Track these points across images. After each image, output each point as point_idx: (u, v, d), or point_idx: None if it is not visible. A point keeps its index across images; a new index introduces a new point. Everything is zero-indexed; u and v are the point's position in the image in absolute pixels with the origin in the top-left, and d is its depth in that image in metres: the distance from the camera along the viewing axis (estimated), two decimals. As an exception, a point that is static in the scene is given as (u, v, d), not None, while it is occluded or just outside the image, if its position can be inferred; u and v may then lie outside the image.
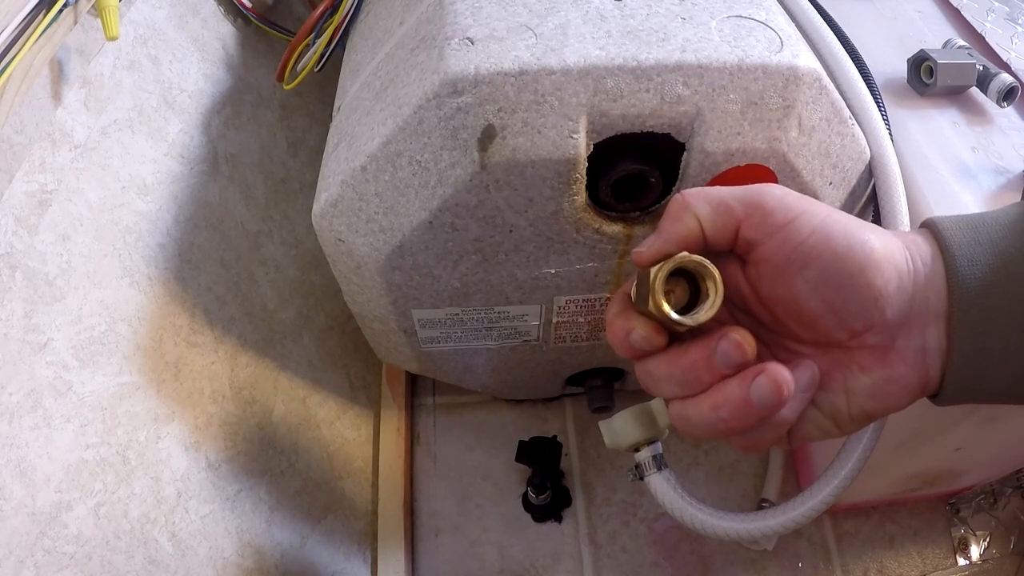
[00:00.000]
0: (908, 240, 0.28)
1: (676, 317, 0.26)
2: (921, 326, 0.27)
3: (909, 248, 0.27)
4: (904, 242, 0.28)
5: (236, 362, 0.51)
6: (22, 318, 0.35)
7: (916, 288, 0.27)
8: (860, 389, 0.28)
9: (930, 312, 0.27)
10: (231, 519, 0.47)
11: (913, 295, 0.27)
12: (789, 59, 0.34)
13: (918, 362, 0.28)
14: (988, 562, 0.62)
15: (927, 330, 0.27)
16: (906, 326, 0.27)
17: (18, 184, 0.36)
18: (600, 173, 0.36)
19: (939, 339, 0.27)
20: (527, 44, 0.33)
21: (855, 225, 0.27)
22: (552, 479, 0.62)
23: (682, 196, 0.28)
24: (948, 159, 0.42)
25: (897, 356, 0.28)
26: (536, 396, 0.68)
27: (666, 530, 0.62)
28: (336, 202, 0.39)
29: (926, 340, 0.27)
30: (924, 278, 0.27)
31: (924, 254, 0.27)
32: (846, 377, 0.29)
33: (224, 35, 0.58)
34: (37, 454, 0.35)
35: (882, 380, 0.28)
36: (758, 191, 0.27)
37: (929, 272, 0.27)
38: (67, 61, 0.40)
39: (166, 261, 0.46)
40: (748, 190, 0.28)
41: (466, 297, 0.43)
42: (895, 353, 0.28)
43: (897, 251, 0.27)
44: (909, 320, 0.27)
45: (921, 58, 0.45)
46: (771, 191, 0.27)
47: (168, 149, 0.49)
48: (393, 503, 0.61)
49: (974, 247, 0.27)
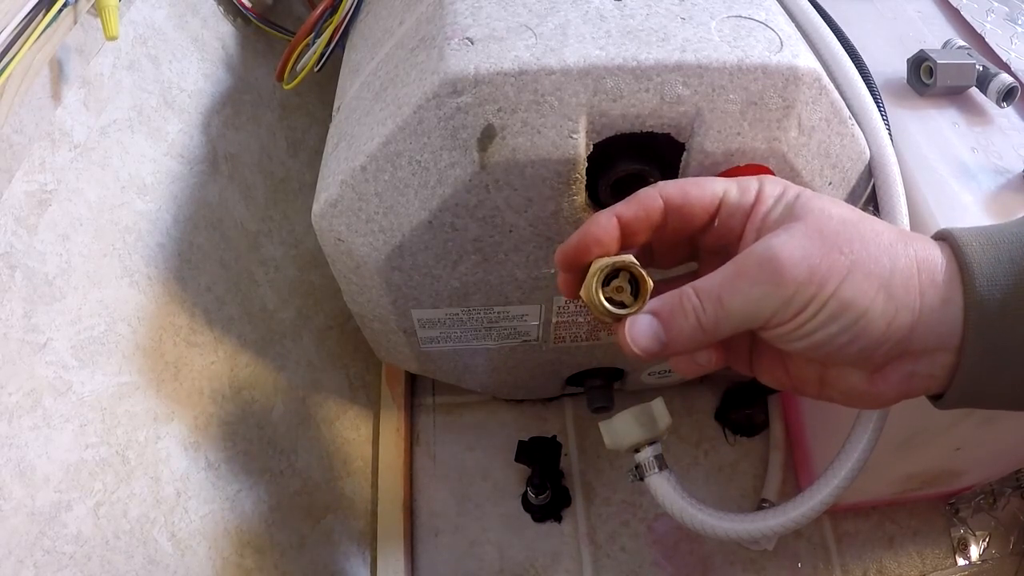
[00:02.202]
0: (921, 259, 0.26)
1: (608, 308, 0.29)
2: (915, 358, 0.27)
3: (921, 275, 0.26)
4: (918, 265, 0.26)
5: (236, 362, 0.51)
6: (22, 318, 0.35)
7: (916, 334, 0.26)
8: (836, 387, 0.29)
9: (929, 348, 0.26)
10: (231, 519, 0.47)
11: (910, 339, 0.26)
12: (789, 59, 0.34)
13: (902, 384, 0.28)
14: (987, 562, 0.62)
15: (920, 360, 0.27)
16: (898, 359, 0.27)
17: (18, 184, 0.36)
18: (600, 173, 0.36)
19: (933, 366, 0.27)
20: (527, 44, 0.33)
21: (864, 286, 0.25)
22: (552, 479, 0.62)
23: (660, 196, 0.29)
24: (948, 159, 0.42)
25: (883, 378, 0.28)
26: (536, 396, 0.68)
27: (666, 530, 0.62)
28: (336, 202, 0.39)
29: (917, 367, 0.27)
30: (930, 322, 0.26)
31: (937, 277, 0.26)
32: (823, 373, 0.29)
33: (224, 35, 0.58)
34: (36, 454, 0.35)
35: (860, 392, 0.28)
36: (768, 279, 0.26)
37: (937, 312, 0.26)
38: (67, 61, 0.40)
39: (166, 261, 0.46)
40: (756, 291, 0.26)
41: (466, 297, 0.43)
42: (881, 376, 0.28)
43: (903, 297, 0.26)
44: (903, 355, 0.27)
45: (921, 58, 0.45)
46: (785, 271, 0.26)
47: (168, 149, 0.49)
48: (393, 503, 0.61)
49: (995, 266, 0.26)
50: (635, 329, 0.28)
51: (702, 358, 0.30)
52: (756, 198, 0.29)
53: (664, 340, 0.28)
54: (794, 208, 0.27)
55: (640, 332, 0.28)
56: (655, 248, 0.33)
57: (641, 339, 0.28)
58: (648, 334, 0.28)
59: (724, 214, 0.29)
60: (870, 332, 0.26)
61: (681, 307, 0.27)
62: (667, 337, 0.28)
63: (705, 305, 0.27)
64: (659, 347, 0.28)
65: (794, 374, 0.30)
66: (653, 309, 0.28)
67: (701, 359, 0.30)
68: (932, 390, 0.28)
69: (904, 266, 0.26)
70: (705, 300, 0.27)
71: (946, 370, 0.27)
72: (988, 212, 0.40)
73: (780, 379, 0.31)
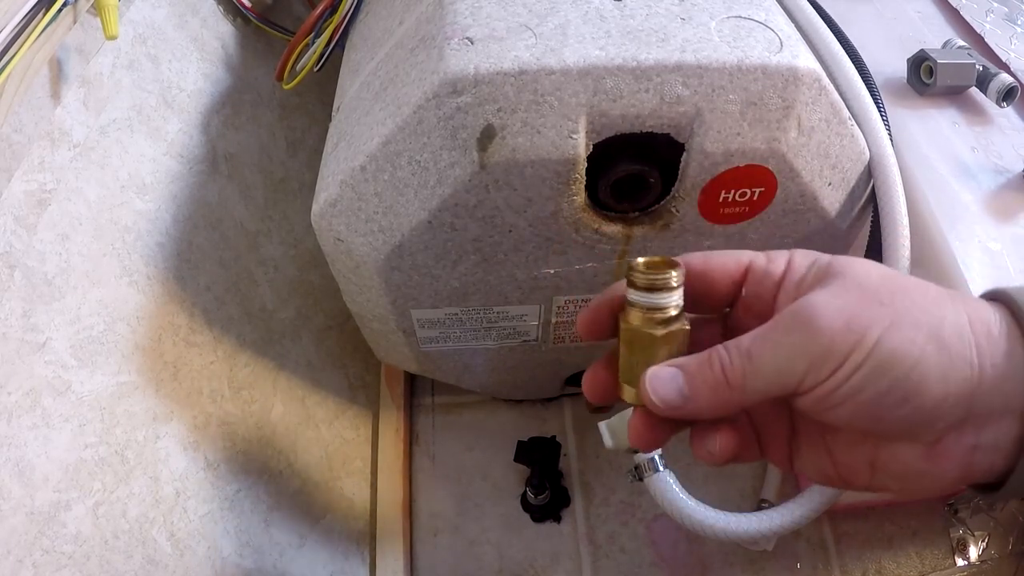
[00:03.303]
0: (972, 310, 0.24)
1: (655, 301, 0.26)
2: (979, 426, 0.25)
3: (975, 326, 0.24)
4: (969, 317, 0.24)
5: (235, 362, 0.51)
6: (21, 317, 0.35)
7: (979, 391, 0.24)
8: (889, 470, 0.26)
9: (995, 411, 0.24)
10: (230, 519, 0.47)
11: (973, 398, 0.24)
12: (789, 60, 0.34)
13: (964, 459, 0.25)
14: (987, 563, 0.62)
15: (984, 429, 0.25)
16: (958, 428, 0.25)
17: (17, 183, 0.36)
18: (599, 173, 0.36)
19: (998, 435, 0.24)
20: (527, 44, 0.33)
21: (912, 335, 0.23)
22: (551, 479, 0.62)
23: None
24: (948, 159, 0.42)
25: (943, 453, 0.25)
26: (535, 396, 0.68)
27: (665, 530, 0.62)
28: (335, 202, 0.39)
29: (980, 438, 0.25)
30: (992, 378, 0.24)
31: (993, 330, 0.24)
32: (874, 456, 0.26)
33: (223, 35, 0.58)
34: (36, 453, 0.35)
35: (916, 472, 0.26)
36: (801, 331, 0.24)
37: (1001, 367, 0.24)
38: (66, 60, 0.40)
39: (165, 260, 0.46)
40: (788, 340, 0.24)
41: (465, 297, 0.43)
42: (940, 449, 0.25)
43: (957, 348, 0.23)
44: (964, 423, 0.24)
45: (921, 58, 0.45)
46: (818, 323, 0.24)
47: (167, 148, 0.49)
48: (392, 503, 0.61)
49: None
50: (656, 380, 0.26)
51: (712, 444, 0.27)
52: (787, 266, 0.27)
53: (686, 393, 0.26)
54: (829, 269, 0.26)
55: (662, 384, 0.26)
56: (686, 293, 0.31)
57: (662, 390, 0.26)
58: (671, 387, 0.26)
59: (752, 282, 0.28)
60: (924, 390, 0.23)
61: (708, 360, 0.26)
62: (689, 390, 0.26)
63: (733, 358, 0.25)
64: (681, 400, 0.26)
65: (840, 461, 0.28)
66: (679, 363, 0.26)
67: (711, 445, 0.27)
68: (997, 466, 0.25)
69: (954, 319, 0.24)
70: (734, 353, 0.25)
71: (1014, 441, 0.24)
72: (988, 212, 0.40)
73: (825, 470, 0.28)
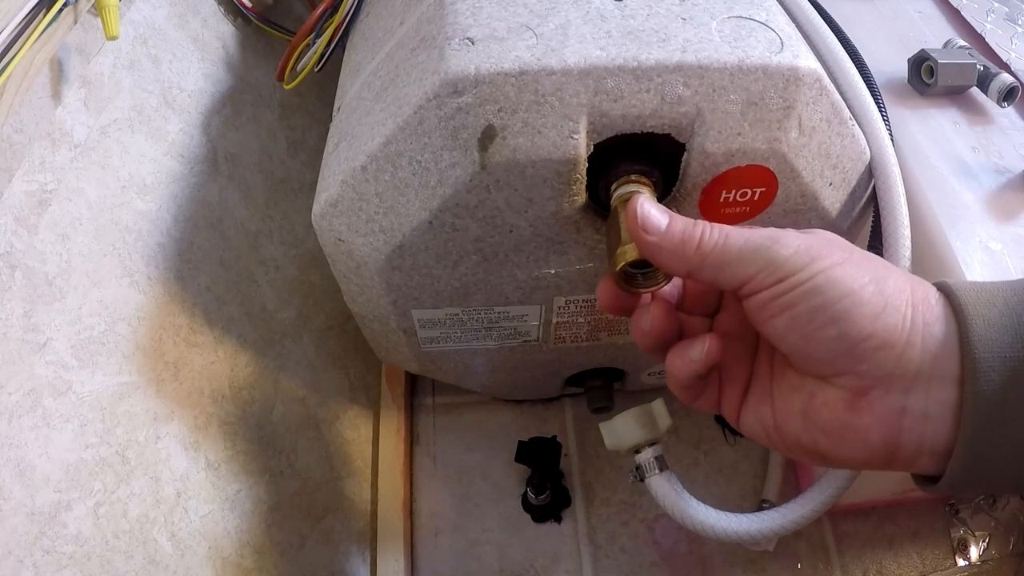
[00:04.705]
0: (918, 294, 0.27)
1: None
2: (906, 388, 0.26)
3: (915, 302, 0.26)
4: (912, 287, 0.27)
5: (236, 362, 0.51)
6: (21, 317, 0.35)
7: (908, 348, 0.25)
8: (818, 421, 0.28)
9: (922, 374, 0.26)
10: (230, 519, 0.47)
11: (902, 352, 0.25)
12: (789, 60, 0.34)
13: (890, 420, 0.26)
14: (987, 563, 0.62)
15: (912, 392, 0.26)
16: (886, 384, 0.26)
17: (18, 183, 0.36)
18: (600, 173, 0.36)
19: (927, 403, 0.26)
20: (527, 44, 0.33)
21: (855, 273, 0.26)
22: (551, 479, 0.62)
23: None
24: (949, 159, 0.42)
25: (867, 407, 0.26)
26: (536, 396, 0.68)
27: (666, 530, 0.62)
28: (336, 202, 0.39)
29: (908, 400, 0.26)
30: (924, 337, 0.26)
31: (932, 310, 0.26)
32: (810, 402, 0.28)
33: (224, 35, 0.58)
34: (36, 454, 0.35)
35: (841, 424, 0.27)
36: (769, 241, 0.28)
37: (932, 328, 0.26)
38: (67, 60, 0.40)
39: (166, 261, 0.46)
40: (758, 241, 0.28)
41: (466, 297, 0.43)
42: (865, 403, 0.26)
43: (893, 299, 0.26)
44: (891, 379, 0.26)
45: (922, 58, 0.45)
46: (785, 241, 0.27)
47: (168, 149, 0.49)
48: (392, 503, 0.61)
49: (989, 308, 0.25)
50: (647, 205, 0.30)
51: (695, 352, 0.30)
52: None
53: (663, 230, 0.29)
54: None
55: (651, 209, 0.30)
56: (687, 293, 0.34)
57: (649, 213, 0.29)
58: (657, 216, 0.29)
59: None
60: (853, 318, 0.25)
61: (693, 222, 0.29)
62: (667, 230, 0.29)
63: (713, 231, 0.28)
64: (657, 231, 0.29)
65: (779, 408, 0.30)
66: (669, 213, 0.30)
67: (694, 353, 0.30)
68: (928, 443, 0.26)
69: (899, 281, 0.27)
70: (715, 229, 0.29)
71: (947, 409, 0.26)
72: (989, 211, 0.40)
73: (764, 420, 0.30)
